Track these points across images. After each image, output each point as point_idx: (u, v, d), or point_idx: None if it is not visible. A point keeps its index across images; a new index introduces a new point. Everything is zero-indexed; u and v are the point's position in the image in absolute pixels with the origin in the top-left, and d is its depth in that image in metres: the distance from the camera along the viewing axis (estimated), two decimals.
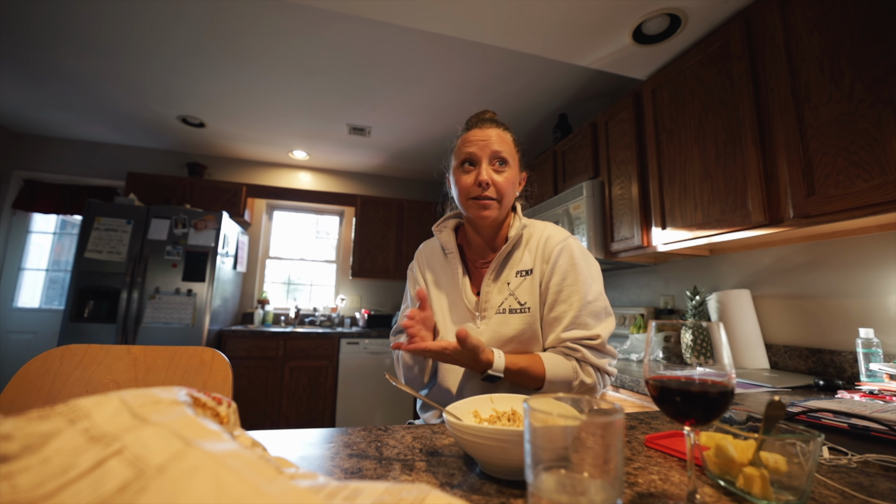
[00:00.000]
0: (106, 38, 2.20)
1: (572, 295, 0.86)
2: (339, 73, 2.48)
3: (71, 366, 0.78)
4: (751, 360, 1.59)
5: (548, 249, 0.91)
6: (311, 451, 0.60)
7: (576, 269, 0.88)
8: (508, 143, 0.91)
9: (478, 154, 0.88)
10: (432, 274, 1.02)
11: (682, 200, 1.70)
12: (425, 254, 1.06)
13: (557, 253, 0.89)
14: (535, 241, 0.93)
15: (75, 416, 0.26)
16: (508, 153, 0.90)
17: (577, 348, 0.85)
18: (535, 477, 0.34)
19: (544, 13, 1.69)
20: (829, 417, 0.81)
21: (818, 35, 1.23)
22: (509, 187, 0.89)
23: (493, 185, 0.87)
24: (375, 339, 3.47)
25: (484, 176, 0.87)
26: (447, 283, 0.98)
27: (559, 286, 0.87)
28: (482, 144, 0.88)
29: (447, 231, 1.00)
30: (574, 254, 0.89)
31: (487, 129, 0.90)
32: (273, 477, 0.24)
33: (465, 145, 0.90)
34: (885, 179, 1.05)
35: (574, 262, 0.88)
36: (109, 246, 2.86)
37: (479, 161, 0.88)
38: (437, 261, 1.02)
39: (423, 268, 1.04)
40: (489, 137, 0.89)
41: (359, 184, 4.31)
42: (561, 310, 0.86)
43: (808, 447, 0.45)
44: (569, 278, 0.87)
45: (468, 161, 0.90)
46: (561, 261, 0.88)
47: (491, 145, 0.88)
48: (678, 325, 0.46)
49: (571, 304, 0.86)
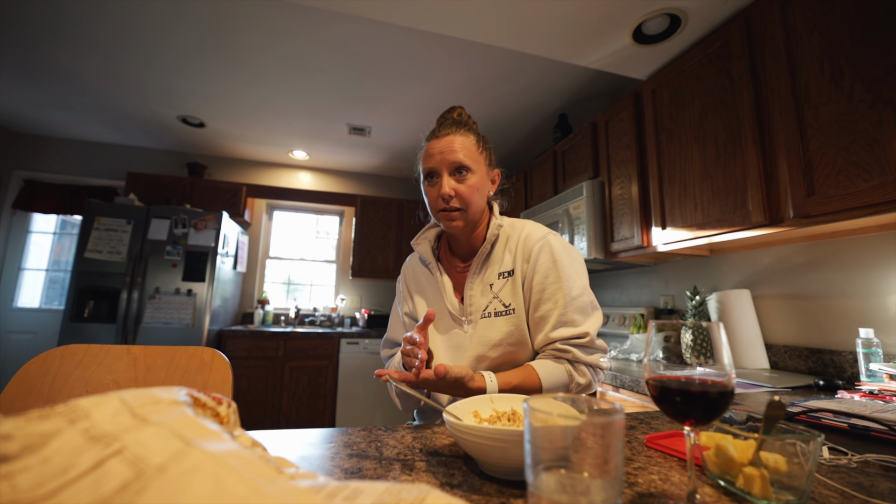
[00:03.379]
0: (106, 37, 2.20)
1: (556, 292, 0.85)
2: (339, 73, 2.48)
3: (71, 366, 0.78)
4: (751, 360, 1.59)
5: (527, 248, 0.90)
6: (311, 451, 0.60)
7: (557, 265, 0.87)
8: (469, 148, 0.89)
9: (437, 168, 0.87)
10: (417, 286, 1.02)
11: (682, 200, 1.70)
12: (410, 267, 1.06)
13: (538, 251, 0.88)
14: (515, 241, 0.92)
15: (75, 416, 0.26)
16: (470, 159, 0.88)
17: (567, 349, 0.84)
18: (535, 477, 0.34)
19: (544, 13, 1.69)
20: (829, 417, 0.81)
21: (818, 35, 1.23)
22: (473, 194, 0.87)
23: (456, 195, 0.86)
24: (375, 339, 3.47)
25: (445, 188, 0.86)
26: (431, 293, 0.98)
27: (542, 284, 0.86)
28: (439, 158, 0.87)
29: (424, 243, 1.00)
30: (555, 250, 0.88)
31: (445, 137, 0.89)
32: (273, 477, 0.24)
33: (426, 159, 0.90)
34: (885, 179, 1.05)
35: (555, 259, 0.87)
36: (109, 246, 2.86)
37: (440, 172, 0.87)
38: (421, 272, 1.02)
39: (408, 281, 1.05)
40: (446, 148, 0.87)
41: (359, 184, 4.31)
42: (546, 308, 0.86)
43: (808, 447, 0.45)
44: (551, 276, 0.86)
45: (430, 174, 0.89)
46: (542, 258, 0.88)
47: (448, 156, 0.86)
48: (678, 325, 0.46)
49: (556, 301, 0.85)
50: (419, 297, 1.00)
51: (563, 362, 0.85)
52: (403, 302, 1.05)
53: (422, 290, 1.01)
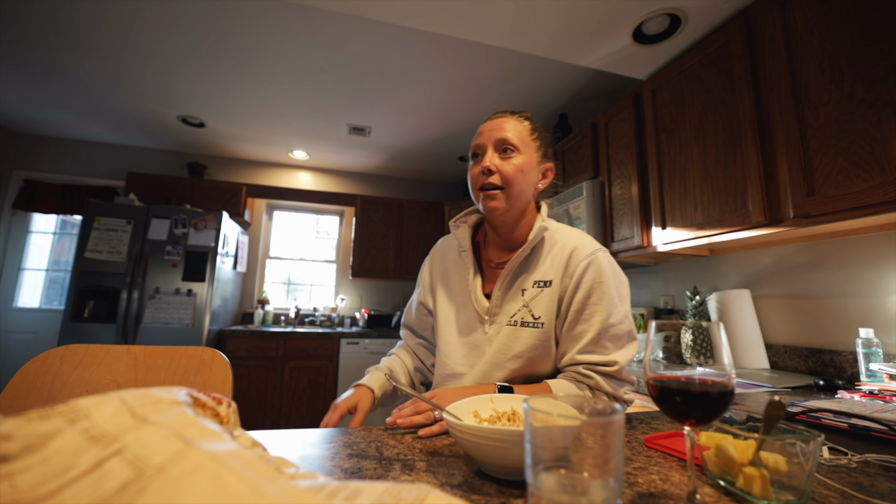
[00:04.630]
0: (106, 37, 2.20)
1: (594, 315, 0.79)
2: (339, 73, 2.48)
3: (71, 366, 0.78)
4: (751, 360, 1.59)
5: (573, 262, 0.83)
6: (311, 451, 0.60)
7: (602, 286, 0.80)
8: (520, 130, 0.85)
9: (483, 143, 0.85)
10: (443, 272, 0.96)
11: (682, 200, 1.70)
12: (441, 251, 1.01)
13: (584, 268, 0.81)
14: (559, 250, 0.85)
15: (75, 416, 0.26)
16: (519, 139, 0.84)
17: (591, 375, 0.79)
18: (535, 477, 0.34)
19: (544, 13, 1.69)
20: (829, 417, 0.81)
21: (818, 35, 1.23)
22: (517, 174, 0.82)
23: (497, 171, 0.82)
24: (375, 339, 3.47)
25: (486, 162, 0.82)
26: (458, 283, 0.93)
27: (582, 304, 0.80)
28: (487, 135, 0.85)
29: (464, 227, 0.94)
30: (603, 270, 0.81)
31: (498, 118, 0.87)
32: (273, 477, 0.24)
33: (474, 140, 0.87)
34: (885, 179, 1.05)
35: (602, 280, 0.80)
36: (109, 246, 2.86)
37: (485, 150, 0.84)
38: (451, 258, 0.97)
39: (434, 265, 1.00)
40: (496, 126, 0.85)
41: (359, 184, 4.31)
42: (580, 329, 0.80)
43: (808, 447, 0.45)
44: (593, 296, 0.80)
45: (476, 152, 0.86)
46: (587, 276, 0.81)
47: (496, 133, 0.84)
48: (678, 325, 0.46)
49: (592, 324, 0.79)
50: (442, 290, 0.95)
51: (584, 388, 0.80)
52: (422, 290, 0.99)
53: (447, 279, 0.95)
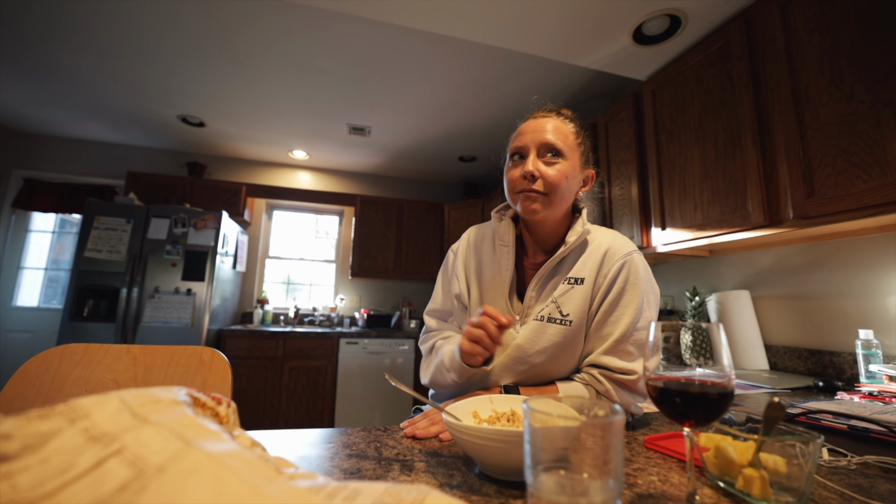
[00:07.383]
0: (105, 36, 2.20)
1: (622, 317, 0.78)
2: (339, 73, 2.47)
3: (70, 365, 0.77)
4: (750, 362, 1.59)
5: (608, 262, 0.81)
6: (311, 451, 0.60)
7: (634, 289, 0.78)
8: (565, 133, 0.82)
9: (525, 145, 0.81)
10: (477, 268, 0.91)
11: (681, 201, 1.70)
12: (474, 240, 0.95)
13: (619, 268, 0.80)
14: (594, 249, 0.84)
15: (75, 415, 0.26)
16: (564, 144, 0.80)
17: (602, 381, 0.77)
18: (534, 477, 0.34)
19: (544, 14, 1.69)
20: (829, 419, 0.81)
21: (818, 36, 1.23)
22: (561, 181, 0.79)
23: (541, 177, 0.79)
24: (375, 339, 3.47)
25: (529, 167, 0.78)
26: (490, 277, 0.89)
27: (611, 305, 0.79)
28: (530, 137, 0.81)
29: (507, 220, 0.89)
30: (638, 272, 0.79)
31: (542, 118, 0.83)
32: (273, 477, 0.24)
33: (516, 137, 0.84)
34: (884, 181, 1.06)
35: (635, 282, 0.79)
36: (109, 245, 2.86)
37: (528, 152, 0.81)
38: (485, 250, 0.92)
39: (468, 253, 0.94)
40: (540, 127, 0.81)
41: (359, 184, 4.31)
42: (606, 332, 0.79)
43: (808, 448, 0.45)
44: (623, 298, 0.78)
45: (517, 153, 0.83)
46: (621, 277, 0.79)
47: (540, 135, 0.80)
48: (678, 325, 0.46)
49: (617, 326, 0.77)
50: (475, 284, 0.91)
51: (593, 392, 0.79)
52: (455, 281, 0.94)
53: (480, 273, 0.91)
